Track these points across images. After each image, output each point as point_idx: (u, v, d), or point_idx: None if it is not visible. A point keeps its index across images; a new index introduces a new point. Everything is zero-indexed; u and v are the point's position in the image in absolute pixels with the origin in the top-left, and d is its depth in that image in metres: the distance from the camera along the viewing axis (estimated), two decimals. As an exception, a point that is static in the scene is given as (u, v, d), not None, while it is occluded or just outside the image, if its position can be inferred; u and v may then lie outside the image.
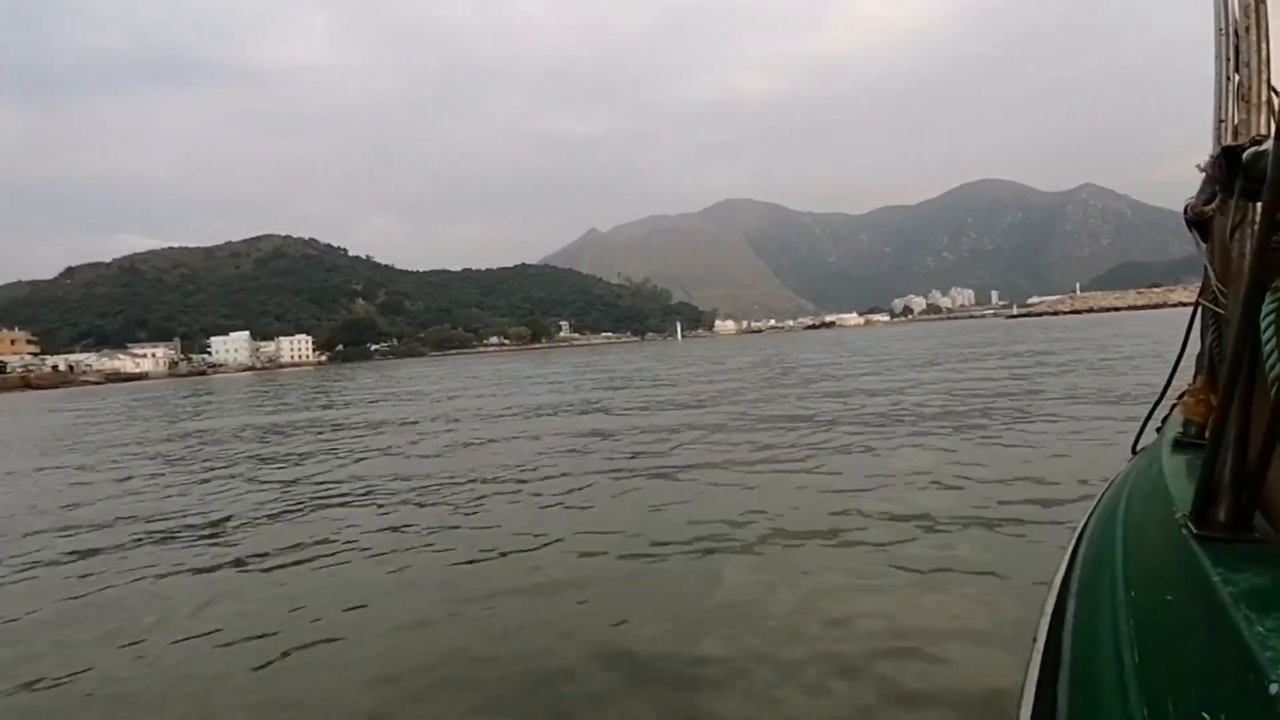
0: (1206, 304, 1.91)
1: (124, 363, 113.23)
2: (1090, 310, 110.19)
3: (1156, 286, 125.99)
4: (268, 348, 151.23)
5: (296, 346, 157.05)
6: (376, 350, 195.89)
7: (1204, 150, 1.91)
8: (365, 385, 39.93)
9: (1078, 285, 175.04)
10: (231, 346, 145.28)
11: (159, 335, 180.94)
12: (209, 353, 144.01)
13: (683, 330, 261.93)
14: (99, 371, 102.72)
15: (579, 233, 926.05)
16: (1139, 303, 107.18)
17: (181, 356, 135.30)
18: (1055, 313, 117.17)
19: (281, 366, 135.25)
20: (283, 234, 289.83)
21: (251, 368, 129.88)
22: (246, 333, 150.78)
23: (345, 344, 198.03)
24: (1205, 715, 0.76)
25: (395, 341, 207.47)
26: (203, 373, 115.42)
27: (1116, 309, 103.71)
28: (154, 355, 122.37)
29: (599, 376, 29.68)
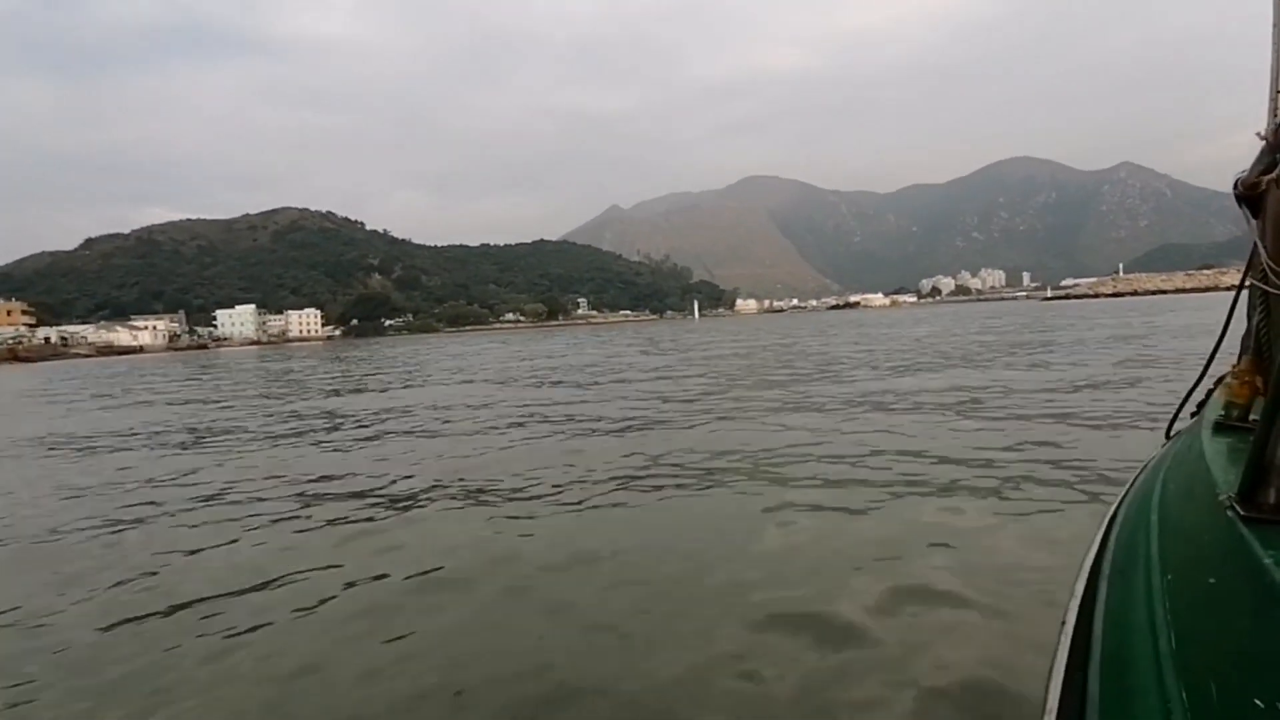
0: (1256, 283, 1.81)
1: (120, 335, 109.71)
2: (1134, 293, 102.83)
3: (1208, 268, 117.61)
4: (276, 322, 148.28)
5: (305, 321, 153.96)
6: (390, 326, 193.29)
7: (1252, 127, 1.81)
8: (306, 366, 36.07)
9: (1120, 266, 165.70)
10: (237, 320, 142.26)
11: (174, 307, 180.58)
12: (215, 326, 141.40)
13: (703, 309, 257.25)
14: (91, 344, 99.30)
15: (601, 209, 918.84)
16: (1188, 285, 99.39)
17: (186, 329, 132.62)
18: (1096, 295, 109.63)
19: (288, 341, 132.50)
20: (300, 206, 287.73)
21: (257, 342, 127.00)
22: (252, 306, 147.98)
23: (359, 319, 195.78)
24: (1258, 702, 0.72)
25: (410, 317, 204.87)
26: (203, 346, 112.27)
27: (1164, 292, 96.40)
28: (154, 328, 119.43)
29: (540, 366, 25.42)
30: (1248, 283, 1.94)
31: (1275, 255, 1.62)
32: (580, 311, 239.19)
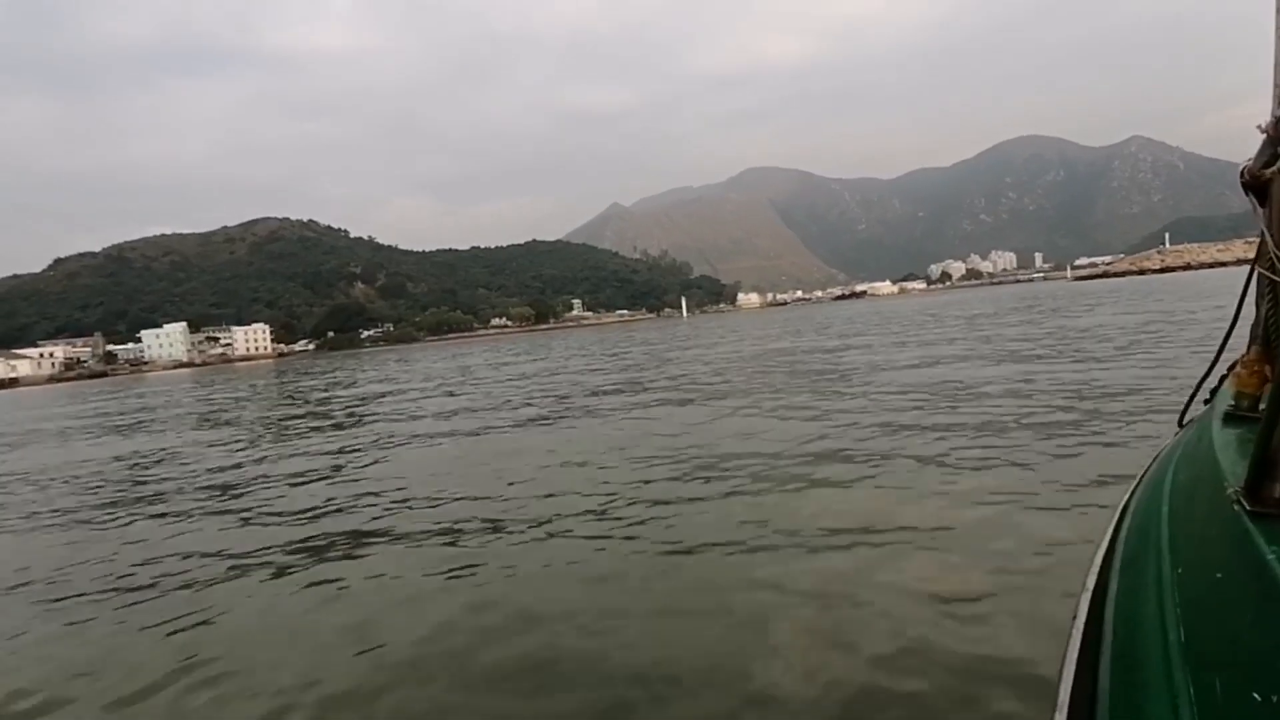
0: (1264, 271, 1.82)
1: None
2: (1186, 267, 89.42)
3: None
4: (223, 339, 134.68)
5: (252, 337, 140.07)
6: (368, 337, 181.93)
7: (1260, 97, 1.79)
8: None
9: (1166, 237, 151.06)
10: (165, 340, 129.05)
11: (138, 326, 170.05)
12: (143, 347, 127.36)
13: (704, 305, 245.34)
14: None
15: (602, 207, 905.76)
16: (1250, 256, 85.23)
17: (100, 352, 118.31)
18: (1141, 271, 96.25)
19: (230, 361, 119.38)
20: (280, 216, 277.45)
21: (188, 364, 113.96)
22: (183, 324, 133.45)
23: (334, 331, 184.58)
24: (1256, 695, 0.73)
25: (389, 327, 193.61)
26: (102, 374, 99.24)
27: (1222, 264, 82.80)
28: (43, 355, 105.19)
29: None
30: (1256, 271, 1.95)
31: None
32: (573, 313, 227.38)
